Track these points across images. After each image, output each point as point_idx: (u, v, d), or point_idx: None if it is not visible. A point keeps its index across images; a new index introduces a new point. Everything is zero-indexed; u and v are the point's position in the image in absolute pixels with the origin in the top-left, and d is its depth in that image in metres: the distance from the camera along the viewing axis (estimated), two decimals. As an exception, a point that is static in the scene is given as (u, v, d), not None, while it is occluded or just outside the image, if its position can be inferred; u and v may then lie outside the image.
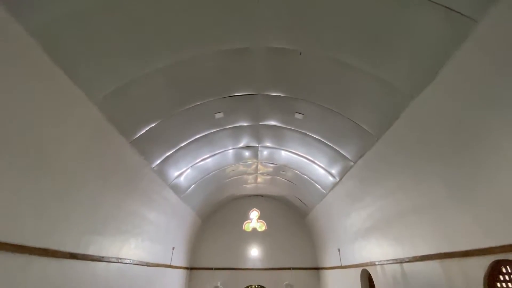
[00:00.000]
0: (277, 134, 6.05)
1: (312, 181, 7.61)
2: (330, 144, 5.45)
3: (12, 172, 2.65)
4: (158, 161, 5.32)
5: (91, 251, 4.02)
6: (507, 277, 2.80)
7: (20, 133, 2.67)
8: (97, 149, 3.78)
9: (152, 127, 4.40)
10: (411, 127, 3.63)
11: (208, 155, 6.58)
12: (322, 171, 6.69)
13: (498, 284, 2.87)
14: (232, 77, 4.21)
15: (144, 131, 4.35)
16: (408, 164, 3.98)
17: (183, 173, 6.56)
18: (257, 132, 6.03)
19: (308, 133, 5.53)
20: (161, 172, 5.67)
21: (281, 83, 4.33)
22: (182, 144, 5.46)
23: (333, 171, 6.24)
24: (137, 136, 4.32)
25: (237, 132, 5.92)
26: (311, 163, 6.73)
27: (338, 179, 6.27)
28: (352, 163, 5.35)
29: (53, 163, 3.12)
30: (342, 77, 3.77)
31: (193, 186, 7.58)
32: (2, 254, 2.61)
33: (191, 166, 6.59)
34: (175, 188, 6.76)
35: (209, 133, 5.60)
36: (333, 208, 7.64)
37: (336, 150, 5.45)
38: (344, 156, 5.40)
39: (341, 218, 7.31)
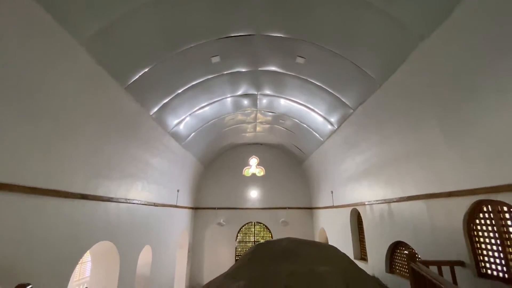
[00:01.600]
0: (276, 81, 5.84)
1: (311, 130, 7.68)
2: (330, 91, 5.31)
3: (12, 118, 2.65)
4: (156, 109, 5.26)
5: (100, 192, 4.30)
6: (486, 215, 3.05)
7: (11, 78, 2.58)
8: (92, 93, 3.70)
9: (146, 72, 4.20)
10: (416, 71, 3.48)
11: (206, 103, 6.48)
12: (320, 120, 6.70)
13: (477, 221, 3.15)
14: (227, 15, 3.83)
15: (138, 76, 4.18)
16: (408, 110, 3.95)
17: (182, 121, 6.57)
18: (256, 79, 5.81)
19: (308, 79, 5.33)
20: (160, 119, 5.66)
21: (281, 21, 3.96)
22: (179, 91, 5.32)
23: (332, 119, 6.24)
24: (131, 82, 4.16)
25: (235, 78, 5.70)
26: (310, 111, 6.68)
27: (336, 127, 6.32)
28: (351, 111, 5.31)
29: (49, 108, 3.09)
30: (349, 14, 3.44)
31: (193, 134, 7.68)
32: (15, 196, 2.79)
33: (190, 114, 6.55)
34: (176, 136, 6.86)
35: (206, 80, 5.39)
36: (329, 155, 7.91)
37: (337, 97, 5.34)
38: (344, 103, 5.33)
39: (336, 164, 7.63)
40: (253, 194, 11.54)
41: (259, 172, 11.95)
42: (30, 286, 1.79)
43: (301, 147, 9.67)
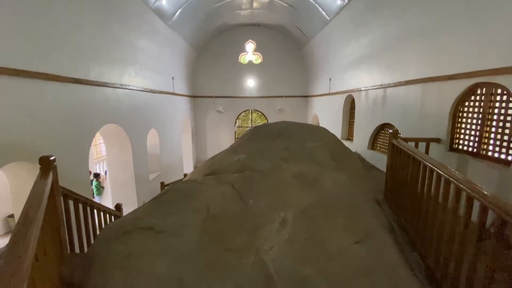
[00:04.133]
0: None
1: (317, 5, 6.65)
2: None
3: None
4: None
5: (92, 77, 4.17)
6: (478, 97, 3.13)
7: None
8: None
9: None
10: None
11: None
12: (329, -10, 5.68)
13: (466, 103, 3.27)
14: None
15: None
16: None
17: (165, -8, 5.54)
18: None
19: None
20: (137, -10, 4.76)
21: None
22: None
23: (343, -10, 5.30)
24: None
25: None
26: (318, -22, 5.55)
27: (346, 1, 5.45)
28: (368, -22, 4.43)
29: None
30: None
31: (179, 11, 6.66)
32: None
33: (173, -17, 5.45)
34: (159, 13, 5.99)
35: None
36: (332, 37, 7.25)
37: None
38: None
39: (338, 48, 7.13)
40: (250, 83, 11.38)
41: (256, 59, 11.29)
42: (53, 157, 1.99)
43: (304, 28, 8.69)
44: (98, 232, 2.83)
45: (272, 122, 4.38)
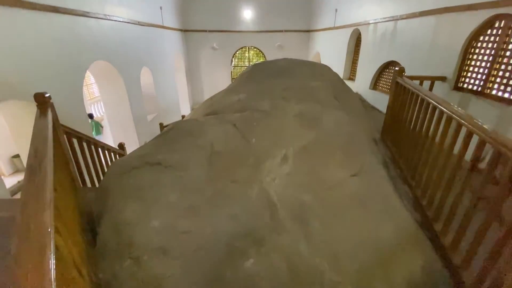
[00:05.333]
0: None
1: None
2: None
3: None
4: None
5: (70, 5, 3.70)
6: (494, 32, 2.91)
7: None
8: None
9: None
10: None
11: None
12: None
13: (481, 38, 3.06)
14: None
15: None
16: None
17: None
18: None
19: None
20: None
21: None
22: None
23: None
24: None
25: None
26: None
27: None
28: None
29: None
30: None
31: None
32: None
33: None
34: None
35: None
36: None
37: None
38: None
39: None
40: (247, 14, 10.28)
41: (254, -16, 9.97)
42: (48, 94, 1.92)
43: None
44: (105, 170, 2.96)
45: (273, 60, 4.14)
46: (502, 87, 2.80)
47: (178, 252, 1.30)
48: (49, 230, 0.73)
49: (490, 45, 2.97)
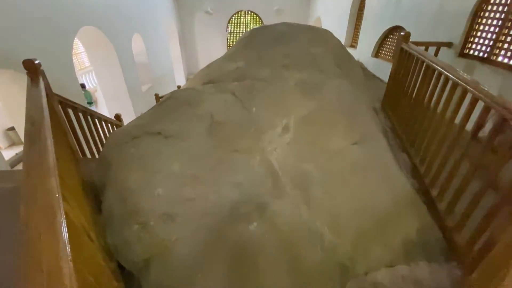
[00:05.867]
0: None
1: None
2: None
3: None
4: None
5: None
6: (506, -9, 2.75)
7: None
8: None
9: None
10: None
11: None
12: None
13: (491, 1, 2.89)
14: None
15: None
16: None
17: None
18: None
19: None
20: None
21: None
22: None
23: None
24: None
25: None
26: None
27: None
28: None
29: None
30: None
31: None
32: None
33: None
34: None
35: None
36: None
37: None
38: None
39: None
40: (243, -27, 9.55)
41: None
42: (38, 61, 1.82)
43: None
44: (104, 141, 2.93)
45: (272, 24, 3.92)
46: (508, 54, 2.72)
47: (184, 218, 1.33)
48: (57, 195, 0.72)
49: (500, 8, 2.82)
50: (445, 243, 1.49)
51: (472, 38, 3.14)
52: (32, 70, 1.76)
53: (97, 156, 2.72)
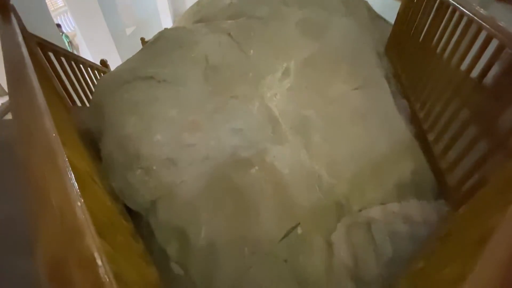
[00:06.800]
0: None
1: None
2: None
3: None
4: None
5: None
6: None
7: None
8: None
9: None
10: None
11: None
12: None
13: None
14: None
15: None
16: None
17: None
18: None
19: None
20: None
21: None
22: None
23: None
24: None
25: None
26: None
27: None
28: None
29: None
30: None
31: None
32: None
33: None
34: None
35: None
36: None
37: None
38: None
39: None
40: None
41: None
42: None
43: None
44: (92, 89, 2.77)
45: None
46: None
47: (186, 162, 1.34)
48: (54, 135, 0.69)
49: None
50: (436, 184, 1.58)
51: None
52: (0, 3, 1.53)
53: (87, 104, 2.61)
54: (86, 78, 2.72)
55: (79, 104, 2.59)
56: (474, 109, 1.43)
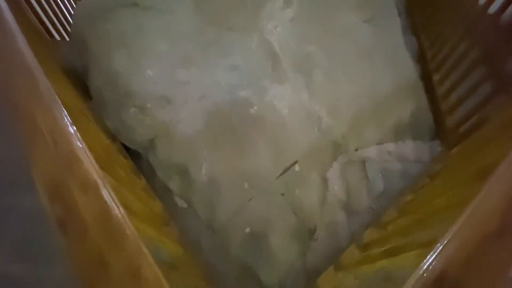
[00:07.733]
0: None
1: None
2: None
3: None
4: None
5: None
6: None
7: None
8: None
9: None
10: None
11: None
12: None
13: None
14: None
15: None
16: None
17: None
18: None
19: None
20: None
21: None
22: None
23: None
24: None
25: None
26: None
27: None
28: None
29: None
30: None
31: None
32: None
33: None
34: None
35: None
36: None
37: None
38: None
39: None
40: None
41: None
42: None
43: None
44: (68, 18, 2.47)
45: None
46: None
47: (182, 101, 1.28)
48: (37, 64, 0.61)
49: None
50: (434, 126, 1.58)
51: None
52: None
53: (67, 38, 2.36)
54: (60, 4, 2.39)
55: (57, 37, 2.35)
56: (484, 49, 1.33)
